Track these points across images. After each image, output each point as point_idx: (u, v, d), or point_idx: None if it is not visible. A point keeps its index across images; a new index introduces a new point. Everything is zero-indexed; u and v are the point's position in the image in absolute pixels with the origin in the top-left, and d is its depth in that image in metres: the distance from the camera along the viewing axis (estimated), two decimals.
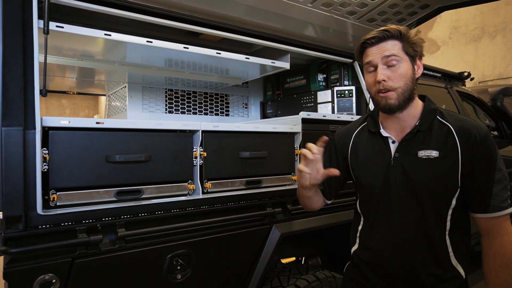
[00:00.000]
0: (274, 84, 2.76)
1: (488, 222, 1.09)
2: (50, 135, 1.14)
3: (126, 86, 2.31)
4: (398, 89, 1.11)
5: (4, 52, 1.09)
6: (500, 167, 1.07)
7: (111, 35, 1.42)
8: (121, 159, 1.25)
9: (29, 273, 1.05)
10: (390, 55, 1.11)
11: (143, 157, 1.30)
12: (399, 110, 1.13)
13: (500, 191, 1.07)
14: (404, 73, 1.11)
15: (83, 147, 1.20)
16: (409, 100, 1.13)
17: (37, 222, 1.07)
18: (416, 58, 1.15)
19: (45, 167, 1.12)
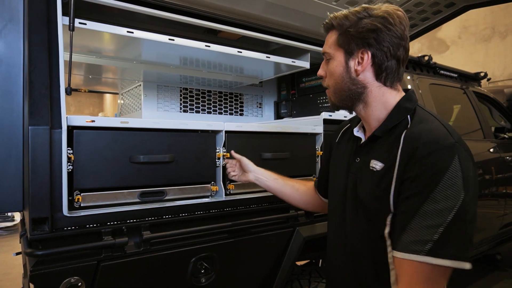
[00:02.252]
0: (288, 83, 2.73)
1: (398, 265, 0.83)
2: (75, 135, 1.11)
3: (141, 85, 2.28)
4: (330, 88, 1.00)
5: (30, 50, 1.07)
6: (438, 198, 0.78)
7: (133, 32, 1.39)
8: (145, 159, 1.23)
9: (56, 276, 1.02)
10: (323, 52, 1.01)
11: (167, 157, 1.27)
12: (346, 110, 1.04)
13: (420, 228, 0.79)
14: (332, 71, 0.97)
15: (107, 147, 1.18)
16: (354, 101, 0.97)
17: (62, 224, 1.04)
18: (356, 52, 0.93)
19: (69, 167, 1.09)
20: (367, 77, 0.95)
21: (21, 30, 1.30)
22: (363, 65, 0.93)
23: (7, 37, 1.28)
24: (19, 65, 1.29)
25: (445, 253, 0.76)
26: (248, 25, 1.66)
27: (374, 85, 0.96)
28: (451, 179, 0.78)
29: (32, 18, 1.09)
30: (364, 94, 0.96)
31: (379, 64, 0.93)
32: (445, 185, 0.78)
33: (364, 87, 0.96)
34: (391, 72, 0.94)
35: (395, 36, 0.91)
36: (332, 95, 1.00)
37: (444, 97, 2.70)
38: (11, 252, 4.43)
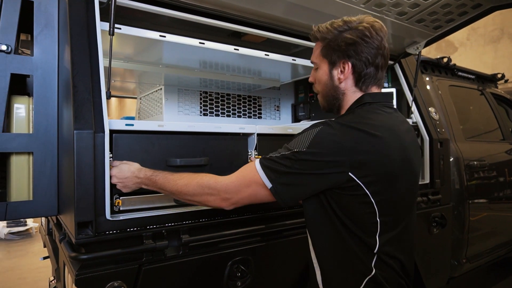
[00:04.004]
0: (306, 86, 2.73)
1: None
2: (114, 139, 1.13)
3: (162, 89, 2.29)
4: (320, 93, 1.12)
5: (72, 55, 1.08)
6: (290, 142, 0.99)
7: (165, 36, 1.40)
8: (181, 163, 1.23)
9: (100, 280, 1.02)
10: (311, 61, 1.13)
11: (203, 161, 1.28)
12: (332, 112, 1.13)
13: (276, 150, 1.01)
14: (319, 79, 1.10)
15: (145, 151, 1.19)
16: (336, 105, 1.09)
17: (105, 228, 1.05)
18: (338, 62, 1.04)
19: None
20: (347, 84, 1.06)
21: (56, 35, 1.32)
22: (345, 74, 1.04)
23: (43, 42, 1.30)
24: (54, 70, 1.31)
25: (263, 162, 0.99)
26: (273, 27, 1.67)
27: (351, 90, 1.07)
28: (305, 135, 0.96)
29: (73, 23, 1.10)
30: (341, 99, 1.08)
31: (359, 72, 1.03)
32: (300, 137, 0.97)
33: (343, 93, 1.07)
34: (369, 77, 1.04)
35: (373, 47, 1.01)
36: (321, 99, 1.13)
37: (463, 98, 2.69)
38: (25, 256, 4.46)
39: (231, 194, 1.01)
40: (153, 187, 1.11)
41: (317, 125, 0.97)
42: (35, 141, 1.26)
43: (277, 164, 0.96)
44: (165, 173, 1.10)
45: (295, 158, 0.93)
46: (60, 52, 1.29)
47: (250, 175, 0.99)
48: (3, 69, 1.23)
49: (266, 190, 0.97)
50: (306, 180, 0.94)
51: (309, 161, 0.92)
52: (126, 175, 1.12)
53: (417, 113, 2.08)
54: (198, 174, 1.07)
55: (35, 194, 1.25)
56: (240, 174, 1.02)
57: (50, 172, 1.28)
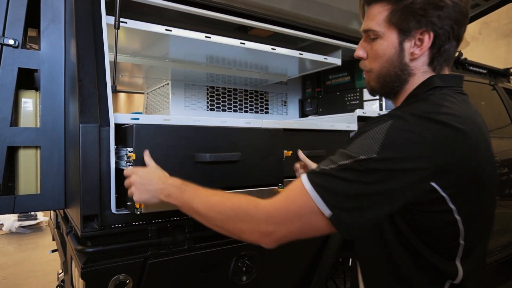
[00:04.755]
0: (314, 81, 2.71)
1: None
2: (136, 130, 1.00)
3: (169, 83, 2.29)
4: (373, 71, 0.87)
5: (78, 48, 1.08)
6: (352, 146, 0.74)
7: (171, 30, 1.39)
8: (212, 158, 1.09)
9: (106, 273, 1.03)
10: (366, 30, 0.86)
11: (235, 156, 1.15)
12: (386, 97, 0.93)
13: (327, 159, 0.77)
14: (379, 54, 0.84)
15: (170, 144, 1.06)
16: (395, 89, 0.86)
17: (110, 221, 1.05)
18: (414, 32, 0.80)
19: (129, 166, 1.00)
20: (419, 62, 0.83)
21: (62, 29, 1.32)
22: (422, 48, 0.81)
23: (50, 36, 1.30)
24: (61, 64, 1.31)
25: (315, 179, 0.72)
26: (281, 21, 1.65)
27: (421, 70, 0.84)
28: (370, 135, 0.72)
29: (79, 17, 1.10)
30: (406, 82, 0.85)
31: (439, 46, 0.81)
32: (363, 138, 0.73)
33: (411, 73, 0.84)
34: (447, 54, 0.82)
35: (460, 12, 0.78)
36: (374, 79, 0.88)
37: (474, 93, 2.64)
38: (35, 250, 4.53)
39: (274, 226, 0.74)
40: (178, 200, 0.89)
41: (383, 119, 0.73)
42: (42, 135, 1.27)
43: (336, 180, 0.70)
44: (195, 185, 0.91)
45: (361, 168, 0.69)
46: (67, 46, 1.30)
47: (298, 199, 0.73)
48: (11, 64, 1.23)
49: (324, 220, 0.70)
50: (380, 199, 0.69)
51: (382, 171, 0.68)
52: (151, 177, 0.93)
53: None
54: (235, 194, 0.85)
55: (42, 187, 1.26)
56: (287, 198, 0.75)
57: (57, 166, 1.29)
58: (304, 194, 0.72)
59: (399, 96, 0.88)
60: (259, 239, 0.78)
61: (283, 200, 0.75)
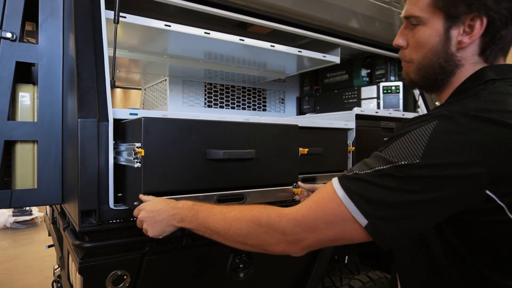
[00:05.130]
0: (312, 79, 2.71)
1: None
2: (144, 124, 0.92)
3: (166, 80, 2.28)
4: (414, 62, 0.80)
5: (77, 42, 1.07)
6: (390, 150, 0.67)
7: (170, 26, 1.39)
8: (225, 156, 1.02)
9: (103, 268, 1.03)
10: (408, 16, 0.78)
11: (250, 154, 1.08)
12: (427, 91, 0.85)
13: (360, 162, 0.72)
14: (421, 42, 0.76)
15: (180, 140, 0.98)
16: (438, 82, 0.78)
17: (108, 217, 1.05)
18: (464, 18, 0.71)
19: (137, 164, 0.93)
20: (469, 51, 0.74)
21: (61, 23, 1.31)
22: (472, 35, 0.71)
23: (48, 30, 1.29)
24: (59, 58, 1.30)
25: (348, 185, 0.66)
26: (280, 18, 1.65)
27: (471, 61, 0.74)
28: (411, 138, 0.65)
29: (78, 11, 1.09)
30: (452, 74, 0.76)
31: (493, 34, 0.71)
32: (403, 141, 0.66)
33: (458, 65, 0.75)
34: (503, 42, 0.72)
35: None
36: (414, 71, 0.80)
37: None
38: (30, 245, 4.51)
39: (303, 234, 0.69)
40: (193, 223, 0.84)
41: (426, 119, 0.66)
42: (39, 129, 1.26)
43: (373, 187, 0.65)
44: (209, 204, 0.86)
45: (403, 175, 0.62)
46: (65, 40, 1.29)
47: (330, 206, 0.67)
48: (8, 57, 1.22)
49: (359, 229, 0.65)
50: (422, 209, 0.63)
51: (426, 178, 0.61)
52: (159, 206, 0.88)
53: (423, 107, 2.06)
54: (254, 206, 0.78)
55: (39, 182, 1.26)
56: (316, 205, 0.69)
57: (54, 161, 1.28)
58: (336, 200, 0.67)
59: (444, 90, 0.79)
60: (286, 249, 0.72)
61: (312, 206, 0.70)
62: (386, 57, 2.17)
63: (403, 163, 0.63)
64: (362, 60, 2.34)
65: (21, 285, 3.31)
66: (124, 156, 1.06)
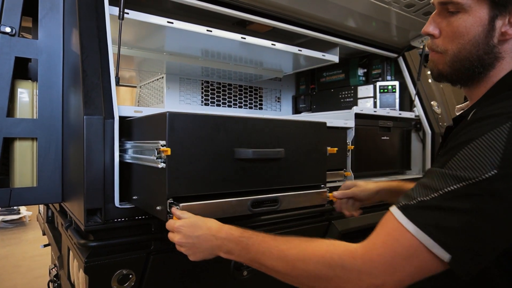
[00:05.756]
0: (308, 78, 2.72)
1: None
2: (169, 119, 0.82)
3: (163, 77, 2.26)
4: (448, 53, 0.73)
5: (81, 38, 1.05)
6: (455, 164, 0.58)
7: (173, 22, 1.37)
8: (255, 155, 0.93)
9: (108, 267, 1.01)
10: (445, 1, 0.71)
11: (280, 153, 1.00)
12: (457, 84, 0.77)
13: (418, 185, 0.63)
14: (460, 32, 0.70)
15: (208, 137, 0.89)
16: (473, 75, 0.72)
17: (114, 215, 1.03)
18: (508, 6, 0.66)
19: (162, 165, 0.83)
20: (510, 44, 0.69)
21: (61, 19, 1.29)
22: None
23: (48, 26, 1.27)
24: (59, 54, 1.28)
25: (418, 218, 0.57)
26: (280, 16, 1.65)
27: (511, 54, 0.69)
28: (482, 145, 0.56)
29: (82, 6, 1.07)
30: (491, 67, 0.70)
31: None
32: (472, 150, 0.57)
33: (498, 57, 0.69)
34: None
35: None
36: (447, 63, 0.73)
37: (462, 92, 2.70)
38: (19, 245, 4.42)
39: (382, 276, 0.60)
40: (243, 257, 0.76)
41: (497, 120, 0.58)
42: (39, 126, 1.24)
43: (449, 214, 0.56)
44: (258, 235, 0.76)
45: (482, 192, 0.54)
46: (66, 36, 1.27)
47: (403, 241, 0.59)
48: (7, 52, 1.20)
49: (439, 263, 0.57)
50: (504, 226, 0.55)
51: (508, 190, 0.54)
52: (198, 232, 0.78)
53: (419, 106, 2.08)
54: (315, 241, 0.69)
55: (39, 180, 1.23)
56: (388, 240, 0.60)
57: (54, 158, 1.26)
58: (407, 236, 0.58)
59: (480, 85, 0.73)
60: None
61: (384, 243, 0.61)
62: (383, 57, 2.19)
63: (480, 179, 0.54)
64: (358, 59, 2.36)
65: (10, 285, 3.24)
66: (130, 154, 1.05)
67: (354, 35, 1.90)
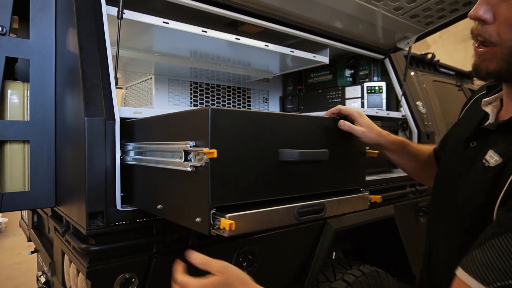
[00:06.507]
0: (295, 79, 2.75)
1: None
2: (212, 116, 0.71)
3: (152, 78, 2.23)
4: (503, 45, 0.61)
5: (80, 38, 1.03)
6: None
7: (168, 23, 1.36)
8: (301, 157, 0.84)
9: (111, 272, 0.99)
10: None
11: (325, 155, 0.91)
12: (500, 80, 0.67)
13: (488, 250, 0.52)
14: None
15: (251, 137, 0.79)
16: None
17: (116, 218, 1.01)
18: None
19: (190, 168, 0.75)
20: None
21: (53, 17, 1.25)
22: None
23: (39, 25, 1.23)
24: (51, 54, 1.25)
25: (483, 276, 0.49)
26: (272, 17, 1.66)
27: None
28: None
29: (79, 6, 1.05)
30: None
31: None
32: None
33: None
34: None
35: None
36: (505, 57, 0.61)
37: (444, 93, 2.80)
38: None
39: None
40: None
41: None
42: (31, 129, 1.20)
43: None
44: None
45: None
46: (59, 36, 1.23)
47: None
48: None
49: None
50: None
51: None
52: (231, 280, 0.66)
53: (406, 106, 2.14)
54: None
55: (32, 184, 1.20)
56: None
57: (47, 162, 1.23)
58: None
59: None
60: None
61: None
62: (370, 58, 2.24)
63: None
64: (345, 60, 2.40)
65: None
66: (131, 156, 1.03)
67: (343, 36, 1.94)
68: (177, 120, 0.84)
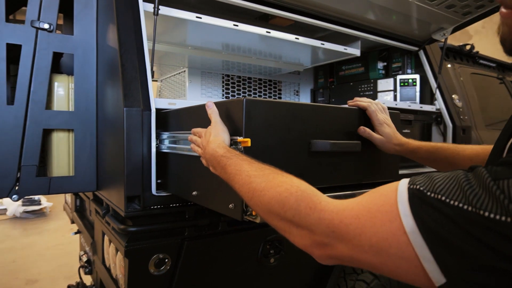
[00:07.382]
0: (326, 71, 2.73)
1: None
2: (246, 105, 0.75)
3: (185, 71, 2.30)
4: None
5: (119, 33, 1.10)
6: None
7: (201, 18, 1.41)
8: (333, 148, 0.85)
9: (147, 251, 1.07)
10: None
11: (357, 146, 0.92)
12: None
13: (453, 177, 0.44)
14: None
15: (284, 127, 0.81)
16: None
17: (151, 202, 1.09)
18: None
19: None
20: None
21: (95, 15, 1.34)
22: None
23: (82, 22, 1.32)
24: (93, 49, 1.33)
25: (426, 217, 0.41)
26: (303, 10, 1.67)
27: None
28: None
29: (119, 3, 1.12)
30: None
31: None
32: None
33: None
34: None
35: None
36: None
37: (483, 86, 2.68)
38: (41, 234, 4.57)
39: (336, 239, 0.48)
40: (221, 175, 0.72)
41: None
42: (75, 118, 1.30)
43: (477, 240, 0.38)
44: (240, 156, 0.70)
45: None
46: (99, 31, 1.32)
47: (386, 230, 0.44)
48: (46, 48, 1.25)
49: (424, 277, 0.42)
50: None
51: None
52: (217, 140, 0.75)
53: (441, 100, 2.09)
54: (286, 176, 0.60)
55: (76, 170, 1.29)
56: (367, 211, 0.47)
57: (89, 149, 1.32)
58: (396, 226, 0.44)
59: None
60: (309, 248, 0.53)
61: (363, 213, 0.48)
62: (403, 50, 2.19)
63: None
64: (378, 53, 2.36)
65: (36, 272, 3.36)
66: (166, 144, 1.09)
67: (375, 28, 1.92)
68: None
